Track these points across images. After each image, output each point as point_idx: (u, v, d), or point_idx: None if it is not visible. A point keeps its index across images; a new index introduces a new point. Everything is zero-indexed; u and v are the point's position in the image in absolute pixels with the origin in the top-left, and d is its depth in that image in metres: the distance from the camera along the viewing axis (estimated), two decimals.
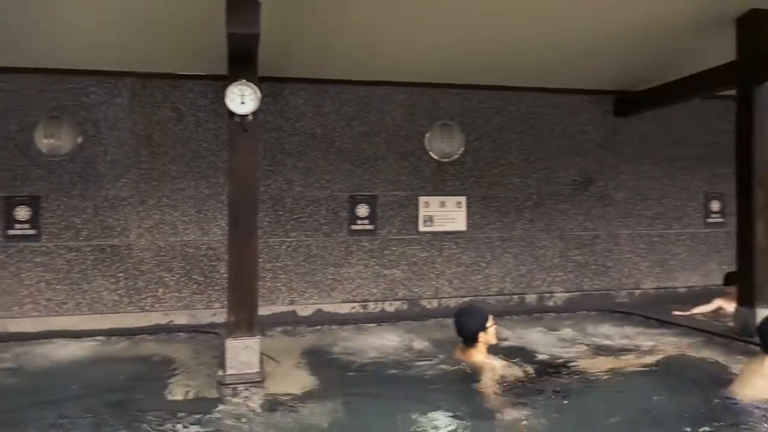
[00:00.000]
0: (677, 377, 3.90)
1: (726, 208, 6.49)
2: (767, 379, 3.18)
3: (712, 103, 6.45)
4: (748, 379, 3.27)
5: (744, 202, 4.59)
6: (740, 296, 4.62)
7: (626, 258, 6.36)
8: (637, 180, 6.40)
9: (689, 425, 3.04)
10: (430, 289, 5.88)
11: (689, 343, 4.58)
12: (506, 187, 6.08)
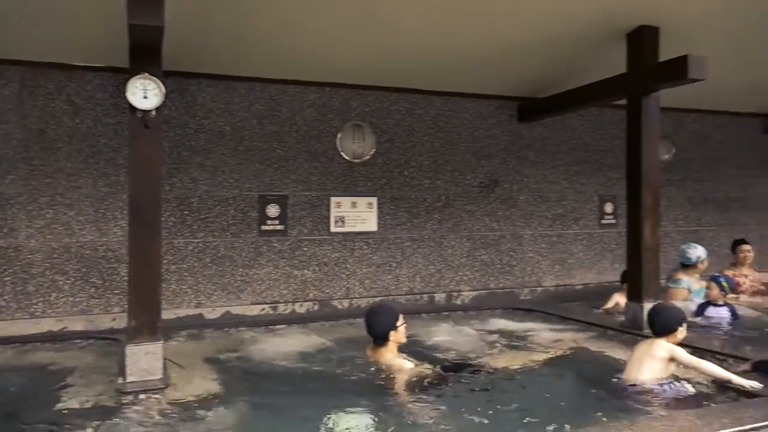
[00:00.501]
0: (576, 368, 4.14)
1: (618, 210, 6.95)
2: (657, 360, 3.44)
3: (607, 111, 6.89)
4: (639, 362, 3.52)
5: (633, 205, 4.93)
6: (630, 292, 4.96)
7: (529, 257, 6.66)
8: (539, 183, 6.72)
9: (590, 411, 3.24)
10: (341, 289, 5.88)
11: (586, 337, 4.86)
12: (416, 189, 6.19)
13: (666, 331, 3.51)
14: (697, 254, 5.59)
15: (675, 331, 3.50)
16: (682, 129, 7.48)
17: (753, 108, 7.75)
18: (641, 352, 3.56)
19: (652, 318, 3.62)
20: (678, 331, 3.51)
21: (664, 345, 3.47)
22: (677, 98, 6.43)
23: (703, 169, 7.63)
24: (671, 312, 3.60)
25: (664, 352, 3.43)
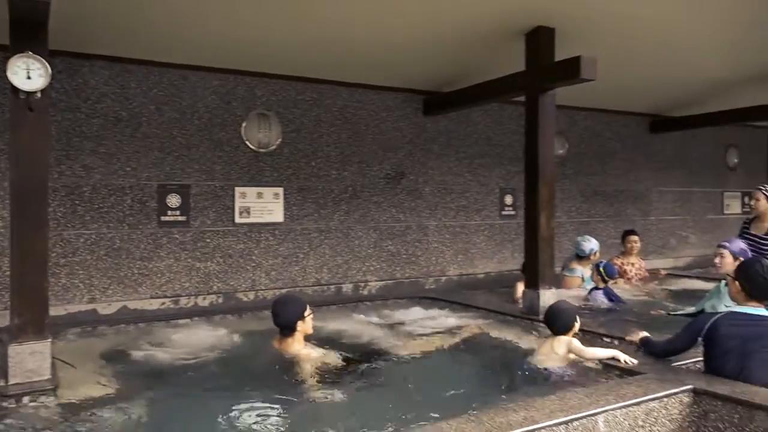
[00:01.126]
0: (478, 353, 4.30)
1: (517, 202, 7.27)
2: (559, 355, 3.69)
3: (507, 107, 7.17)
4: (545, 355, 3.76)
5: (531, 197, 5.16)
6: (527, 280, 5.21)
7: (434, 247, 6.82)
8: (443, 175, 6.89)
9: (491, 392, 3.38)
10: (246, 281, 5.76)
11: (487, 323, 5.05)
12: (323, 179, 6.16)
13: (564, 330, 3.77)
14: (590, 247, 5.96)
15: (572, 328, 3.77)
16: (576, 126, 7.92)
17: (640, 108, 8.34)
18: (546, 350, 3.79)
19: (551, 320, 3.83)
20: (574, 327, 3.78)
21: (563, 341, 3.73)
22: (571, 96, 6.80)
23: (594, 164, 8.13)
24: (567, 313, 3.83)
25: (564, 347, 3.70)
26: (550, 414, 2.54)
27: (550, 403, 2.68)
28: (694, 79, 7.22)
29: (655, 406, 2.78)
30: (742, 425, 2.71)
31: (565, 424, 2.51)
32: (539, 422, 2.46)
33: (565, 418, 2.52)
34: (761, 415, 2.65)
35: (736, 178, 9.68)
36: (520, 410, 2.58)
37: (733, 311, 3.19)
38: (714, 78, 7.19)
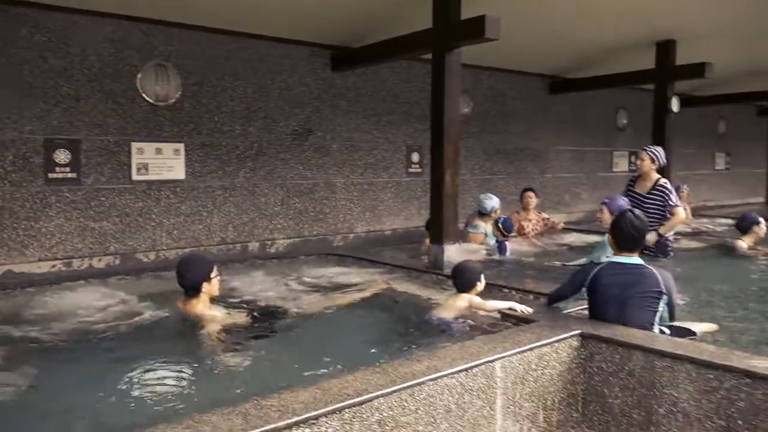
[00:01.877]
0: (384, 307, 4.40)
1: (424, 160, 7.39)
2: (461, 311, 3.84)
3: (415, 64, 7.20)
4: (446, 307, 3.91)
5: (436, 155, 5.25)
6: (432, 236, 5.35)
7: (342, 205, 6.84)
8: (351, 132, 6.86)
9: (401, 343, 3.49)
10: (146, 241, 5.53)
11: (394, 278, 5.16)
12: (227, 135, 5.96)
13: (468, 288, 3.90)
14: (492, 204, 6.20)
15: (475, 286, 3.90)
16: (480, 85, 8.11)
17: (541, 69, 8.64)
18: (449, 305, 3.93)
19: (455, 276, 3.95)
20: (477, 285, 3.90)
21: (465, 297, 3.88)
22: (477, 56, 6.93)
23: (497, 122, 8.39)
24: (472, 271, 3.95)
25: (466, 303, 3.86)
26: (451, 362, 2.66)
27: (451, 352, 2.80)
28: (588, 44, 7.56)
29: (547, 351, 2.99)
30: (622, 364, 2.97)
31: (466, 371, 2.63)
32: (441, 370, 2.56)
33: (465, 365, 2.64)
34: (638, 354, 2.91)
35: (625, 138, 10.35)
36: (424, 360, 2.68)
37: (612, 261, 3.44)
38: (606, 43, 7.57)
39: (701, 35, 7.35)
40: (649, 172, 5.63)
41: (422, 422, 2.46)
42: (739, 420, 2.58)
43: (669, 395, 2.80)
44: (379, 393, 2.32)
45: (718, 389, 2.64)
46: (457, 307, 3.88)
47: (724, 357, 2.75)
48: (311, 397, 2.25)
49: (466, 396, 2.63)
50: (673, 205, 5.53)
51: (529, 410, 2.89)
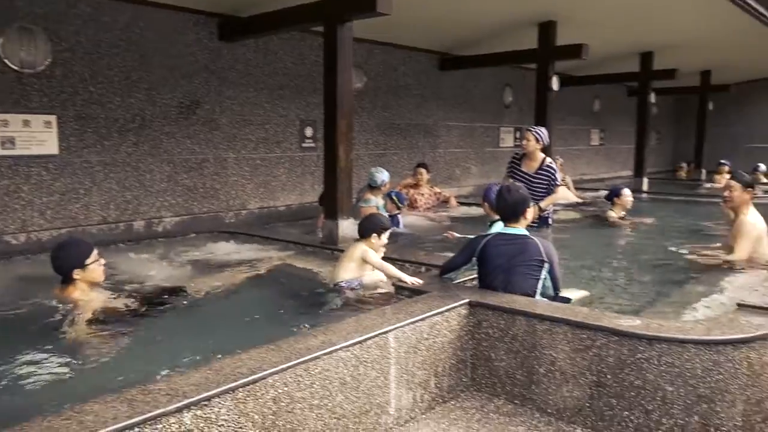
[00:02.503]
0: (278, 283, 4.36)
1: (317, 134, 7.32)
2: (353, 260, 3.91)
3: (308, 37, 7.07)
4: (341, 263, 3.97)
5: (330, 130, 5.22)
6: (326, 211, 5.34)
7: (233, 181, 6.64)
8: (241, 105, 6.65)
9: (296, 319, 3.47)
10: (15, 222, 5.08)
11: (287, 255, 5.12)
12: (106, 107, 5.57)
13: (366, 234, 3.96)
14: (382, 178, 6.26)
15: (370, 237, 3.95)
16: (373, 60, 8.12)
17: (432, 45, 8.79)
18: (345, 254, 4.01)
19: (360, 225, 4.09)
20: (373, 237, 3.95)
21: (360, 247, 3.92)
22: (370, 30, 6.92)
23: (390, 98, 8.46)
24: (373, 220, 4.05)
25: (360, 253, 3.89)
26: (346, 335, 2.69)
27: (346, 326, 2.83)
28: (476, 22, 7.78)
29: (438, 320, 3.10)
30: (507, 329, 3.15)
31: (360, 343, 2.67)
32: (336, 344, 2.59)
33: (360, 338, 2.68)
34: (521, 319, 3.10)
35: (511, 114, 10.83)
36: (319, 335, 2.69)
37: (499, 232, 3.63)
38: (492, 22, 7.84)
39: (580, 18, 7.79)
40: (534, 151, 5.91)
41: (318, 396, 2.48)
42: (608, 374, 2.83)
43: (548, 355, 3.01)
44: (273, 370, 2.31)
45: (591, 347, 2.87)
46: (351, 259, 3.90)
47: (596, 318, 2.99)
48: (203, 378, 2.19)
49: (360, 368, 2.67)
50: (557, 185, 5.89)
51: (421, 378, 3.00)
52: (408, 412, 2.93)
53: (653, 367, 2.71)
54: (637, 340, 2.75)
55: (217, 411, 2.11)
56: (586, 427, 2.88)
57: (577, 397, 2.92)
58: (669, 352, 2.69)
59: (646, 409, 2.74)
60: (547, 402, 3.02)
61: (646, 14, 8.24)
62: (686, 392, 2.67)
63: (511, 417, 2.98)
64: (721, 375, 2.66)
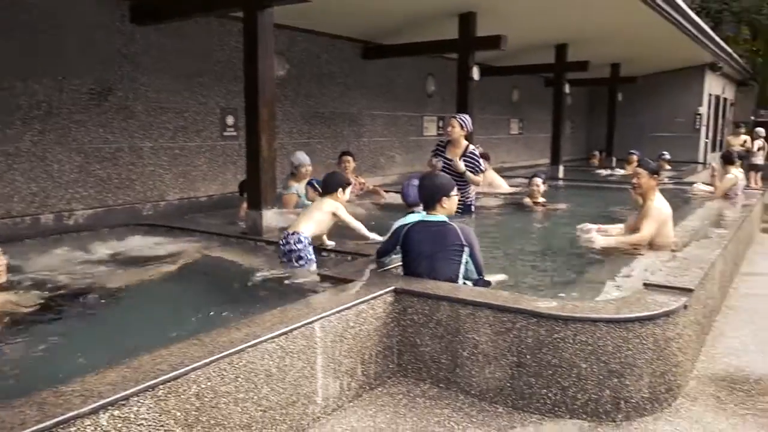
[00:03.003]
0: (203, 276, 4.25)
1: (239, 123, 7.14)
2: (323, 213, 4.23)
3: (227, 22, 6.86)
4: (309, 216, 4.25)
5: (252, 118, 5.11)
6: (249, 201, 5.24)
7: (150, 171, 6.37)
8: (158, 92, 6.37)
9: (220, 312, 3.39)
10: None
11: (210, 247, 4.99)
12: (6, 92, 5.19)
13: (331, 190, 4.30)
14: (299, 159, 6.25)
15: (336, 192, 4.29)
16: (295, 47, 8.00)
17: (354, 33, 8.75)
18: (312, 207, 4.28)
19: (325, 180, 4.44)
20: (339, 191, 4.29)
21: (330, 202, 4.22)
22: (292, 17, 6.81)
23: (313, 86, 8.37)
24: (335, 177, 4.40)
25: (331, 207, 4.21)
26: (271, 327, 2.65)
27: (271, 317, 2.80)
28: (397, 11, 7.82)
29: (364, 308, 3.11)
30: (431, 314, 3.21)
31: (285, 334, 2.65)
32: (261, 336, 2.55)
33: (285, 329, 2.66)
34: (444, 305, 3.17)
35: (433, 103, 10.98)
36: (243, 327, 2.64)
37: (420, 220, 3.69)
38: (413, 11, 7.89)
39: (498, 9, 7.98)
40: (458, 138, 6.03)
41: (243, 389, 2.44)
42: (528, 355, 2.94)
43: (471, 339, 3.09)
44: (196, 365, 2.25)
45: (511, 330, 2.98)
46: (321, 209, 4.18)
47: (516, 301, 3.10)
48: (120, 377, 2.11)
49: (286, 359, 2.65)
50: (480, 170, 6.04)
51: (348, 366, 3.01)
52: (335, 401, 2.94)
53: (569, 346, 2.85)
54: (554, 320, 2.88)
55: (136, 410, 2.04)
56: (507, 406, 2.99)
57: (498, 377, 3.02)
58: (583, 331, 2.83)
59: (563, 385, 2.87)
60: (470, 384, 3.10)
61: (561, 8, 8.56)
62: (599, 368, 2.83)
63: (437, 400, 3.04)
64: (630, 351, 2.83)
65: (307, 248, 4.09)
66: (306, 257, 4.09)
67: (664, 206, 4.86)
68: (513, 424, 2.82)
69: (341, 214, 4.21)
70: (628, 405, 2.84)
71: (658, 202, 4.85)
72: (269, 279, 4.04)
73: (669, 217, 4.86)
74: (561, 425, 2.80)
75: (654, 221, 4.77)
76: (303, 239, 4.09)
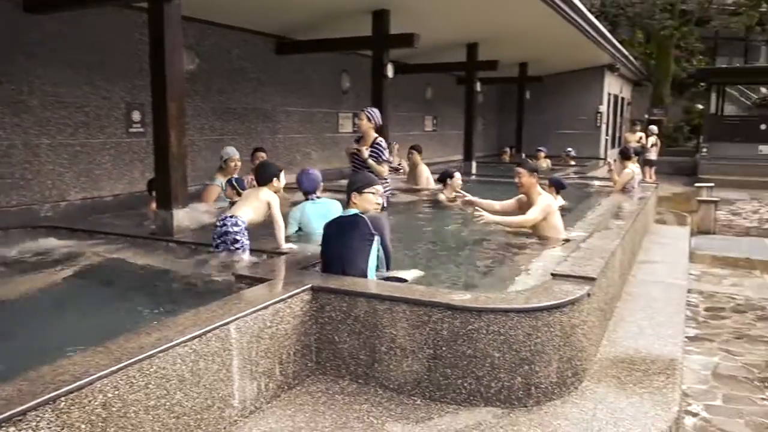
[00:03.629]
0: (110, 279, 4.05)
1: (146, 119, 6.83)
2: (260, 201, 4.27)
3: (131, 13, 6.53)
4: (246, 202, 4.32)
5: (160, 113, 4.90)
6: (159, 200, 5.03)
7: (48, 169, 5.97)
8: (55, 86, 5.98)
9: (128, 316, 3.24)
10: None
11: (116, 248, 4.75)
12: None
13: (266, 181, 4.37)
14: (227, 152, 6.33)
15: (272, 181, 4.36)
16: (205, 41, 7.75)
17: (266, 28, 8.58)
18: (250, 195, 4.38)
19: (257, 172, 4.53)
20: (274, 181, 4.38)
21: (267, 192, 4.33)
22: (201, 9, 6.59)
23: (225, 81, 8.14)
24: (269, 167, 4.49)
25: (267, 197, 4.29)
26: (183, 330, 2.56)
27: (183, 320, 2.70)
28: (310, 7, 7.75)
29: (281, 307, 3.07)
30: (349, 311, 3.21)
31: (199, 337, 2.57)
32: (173, 340, 2.46)
33: (198, 331, 2.58)
34: (362, 301, 3.18)
35: (349, 100, 10.98)
36: (153, 332, 2.54)
37: (336, 216, 3.71)
38: (326, 7, 7.86)
39: (411, 8, 8.09)
40: (368, 131, 6.14)
41: (154, 396, 2.34)
42: (444, 347, 3.01)
43: (389, 333, 3.13)
44: (101, 374, 2.14)
45: (428, 323, 3.04)
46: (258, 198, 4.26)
47: (432, 294, 3.17)
48: (16, 391, 1.97)
49: (201, 362, 2.57)
50: (384, 159, 6.14)
51: (265, 366, 2.96)
52: (253, 403, 2.88)
53: (482, 337, 2.94)
54: (468, 312, 2.96)
55: (34, 425, 1.91)
56: (425, 398, 3.05)
57: (416, 370, 3.08)
58: (495, 321, 2.93)
59: (477, 375, 2.96)
60: (389, 378, 3.14)
61: (471, 8, 8.79)
62: (511, 357, 2.94)
63: (356, 396, 3.06)
64: (539, 338, 2.96)
65: (243, 233, 4.15)
66: (242, 242, 4.15)
67: (549, 199, 5.23)
68: (430, 416, 2.88)
69: (273, 207, 4.31)
70: (538, 390, 2.97)
71: (544, 197, 5.19)
72: (182, 281, 3.91)
73: (552, 209, 5.16)
74: (476, 413, 2.89)
75: (539, 209, 5.09)
76: (240, 223, 4.15)
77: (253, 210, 4.28)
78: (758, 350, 4.84)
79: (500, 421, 2.82)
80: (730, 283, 6.88)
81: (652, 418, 2.85)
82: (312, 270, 3.77)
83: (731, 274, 7.30)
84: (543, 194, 5.24)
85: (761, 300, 6.22)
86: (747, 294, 6.45)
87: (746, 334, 5.21)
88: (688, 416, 3.73)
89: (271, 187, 4.37)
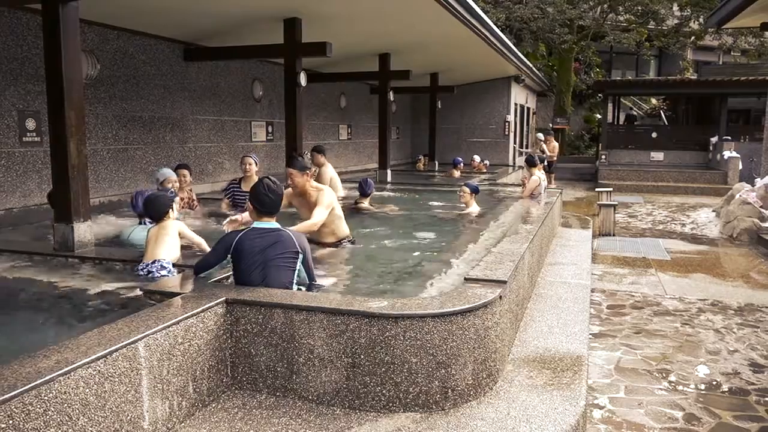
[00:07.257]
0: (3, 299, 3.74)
1: (42, 127, 6.42)
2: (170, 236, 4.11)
3: (23, 15, 6.13)
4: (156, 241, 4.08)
5: (56, 122, 4.61)
6: (58, 213, 4.72)
7: None
8: None
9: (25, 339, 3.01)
10: None
11: (10, 266, 4.42)
12: None
13: (161, 216, 4.20)
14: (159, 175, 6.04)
15: (168, 213, 4.23)
16: (107, 46, 7.39)
17: (173, 34, 8.30)
18: (156, 234, 4.13)
19: (148, 208, 4.31)
20: (170, 212, 4.25)
21: (172, 223, 4.19)
22: (102, 12, 6.28)
23: (129, 88, 7.80)
24: (158, 200, 4.28)
25: (174, 228, 4.18)
26: (86, 351, 2.41)
27: (86, 340, 2.54)
28: (219, 13, 7.58)
29: (193, 322, 2.96)
30: (265, 323, 3.15)
31: (104, 357, 2.43)
32: (75, 362, 2.31)
33: (103, 351, 2.43)
34: (278, 312, 3.13)
35: (262, 109, 10.81)
36: (53, 354, 2.37)
37: (253, 227, 3.61)
38: (236, 14, 7.71)
39: (323, 17, 8.08)
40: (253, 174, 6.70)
41: (54, 424, 2.19)
42: (362, 355, 3.01)
43: (307, 344, 3.09)
44: None
45: (345, 331, 3.03)
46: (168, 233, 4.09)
47: (349, 303, 3.16)
48: None
49: (106, 384, 2.43)
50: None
51: (178, 384, 2.84)
52: (165, 423, 2.75)
53: (399, 343, 2.97)
54: (385, 319, 2.98)
55: None
56: (345, 407, 3.03)
57: (335, 380, 3.06)
58: (412, 327, 2.97)
59: (396, 381, 2.98)
60: (308, 389, 3.10)
61: (381, 18, 8.92)
62: (428, 361, 2.98)
63: (274, 410, 2.99)
64: (455, 342, 3.02)
65: (172, 272, 3.95)
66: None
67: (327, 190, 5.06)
68: (350, 425, 2.86)
69: (186, 233, 4.29)
70: (455, 393, 3.03)
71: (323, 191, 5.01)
72: (85, 299, 3.68)
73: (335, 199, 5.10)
74: (395, 419, 2.91)
75: (323, 206, 4.89)
76: (166, 264, 3.96)
77: (170, 247, 4.12)
78: (655, 344, 5.18)
79: (419, 425, 2.85)
80: (629, 282, 7.34)
81: (561, 414, 2.98)
82: (225, 282, 3.66)
83: (630, 273, 7.80)
84: (319, 187, 5.05)
85: (656, 296, 6.68)
86: (644, 291, 6.90)
87: (644, 329, 5.57)
88: (595, 409, 3.94)
89: (168, 218, 4.25)
